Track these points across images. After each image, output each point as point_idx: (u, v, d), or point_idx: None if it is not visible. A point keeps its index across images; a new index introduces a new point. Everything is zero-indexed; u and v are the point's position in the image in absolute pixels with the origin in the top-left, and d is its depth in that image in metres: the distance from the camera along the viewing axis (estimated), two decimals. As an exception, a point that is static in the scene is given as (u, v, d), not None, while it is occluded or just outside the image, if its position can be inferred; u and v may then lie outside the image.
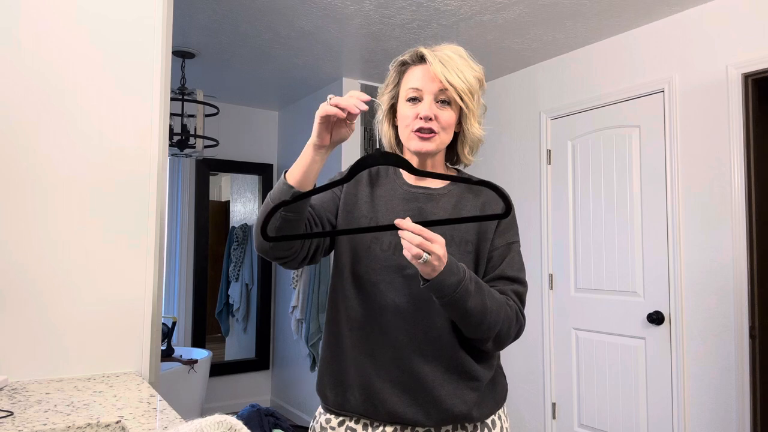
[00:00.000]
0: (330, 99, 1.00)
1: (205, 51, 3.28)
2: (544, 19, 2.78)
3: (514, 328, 1.11)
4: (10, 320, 1.25)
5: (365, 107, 0.99)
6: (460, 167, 1.27)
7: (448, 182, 1.21)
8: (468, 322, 1.05)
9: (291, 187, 1.05)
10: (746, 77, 2.45)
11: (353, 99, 1.00)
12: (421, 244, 0.94)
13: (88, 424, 0.96)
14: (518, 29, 2.90)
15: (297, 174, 1.05)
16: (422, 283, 1.00)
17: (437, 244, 0.95)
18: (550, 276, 3.27)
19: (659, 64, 2.77)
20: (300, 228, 1.08)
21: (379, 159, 1.01)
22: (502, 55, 3.26)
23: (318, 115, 1.01)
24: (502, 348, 1.13)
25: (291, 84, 3.93)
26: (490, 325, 1.05)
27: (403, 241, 0.95)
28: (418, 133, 1.12)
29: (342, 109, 0.99)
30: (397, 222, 0.96)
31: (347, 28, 2.92)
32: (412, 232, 0.94)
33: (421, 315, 1.11)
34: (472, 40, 3.02)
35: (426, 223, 0.97)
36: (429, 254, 0.94)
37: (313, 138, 1.04)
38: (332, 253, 1.23)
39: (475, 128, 1.16)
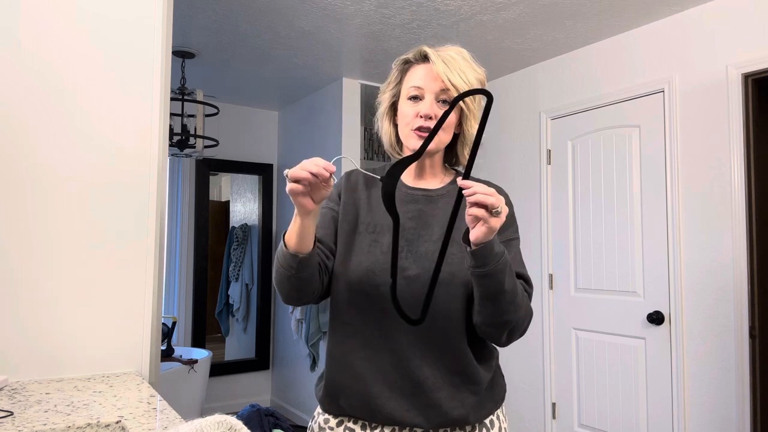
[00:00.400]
0: (287, 175, 0.95)
1: (205, 51, 3.28)
2: (544, 19, 2.78)
3: (528, 319, 1.09)
4: (10, 320, 1.25)
5: (324, 173, 0.94)
6: (459, 168, 1.26)
7: (446, 183, 1.21)
8: (500, 299, 1.01)
9: (295, 255, 1.04)
10: (746, 77, 2.45)
11: (309, 166, 0.94)
12: (494, 194, 0.91)
13: (88, 424, 0.96)
14: (518, 29, 2.90)
15: (294, 240, 1.03)
16: (469, 248, 0.97)
17: (503, 202, 0.93)
18: (550, 276, 3.26)
19: (659, 64, 2.77)
20: (316, 276, 1.10)
21: (388, 181, 0.96)
22: (502, 55, 3.26)
23: (288, 192, 0.97)
24: (512, 341, 1.11)
25: (291, 84, 3.93)
26: (518, 307, 1.03)
27: (473, 197, 0.91)
28: (417, 132, 1.11)
29: (303, 180, 0.95)
30: (461, 183, 0.92)
31: (347, 28, 2.92)
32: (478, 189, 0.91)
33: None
34: (472, 40, 3.02)
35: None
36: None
37: (296, 209, 1.01)
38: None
39: (474, 129, 1.15)
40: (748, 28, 2.44)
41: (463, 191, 0.92)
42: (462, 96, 0.95)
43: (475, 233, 0.94)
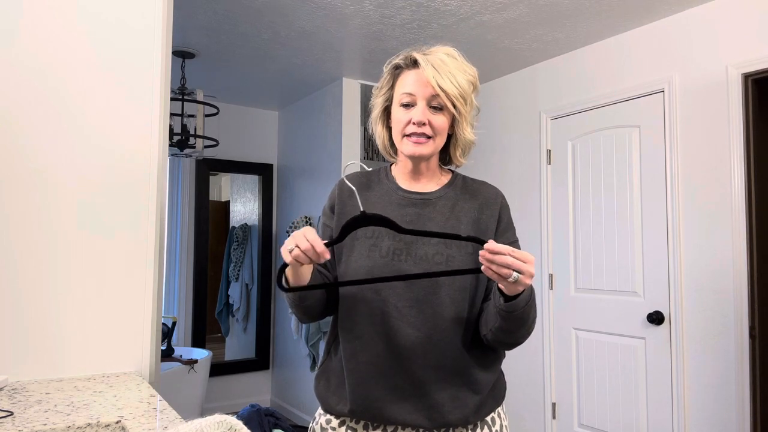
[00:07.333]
0: (290, 252, 1.00)
1: (205, 51, 3.28)
2: (544, 19, 2.78)
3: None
4: (10, 320, 1.25)
5: (315, 255, 1.00)
6: (452, 168, 1.28)
7: (442, 185, 1.22)
8: (519, 331, 1.07)
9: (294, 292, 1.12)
10: (746, 77, 2.44)
11: (303, 245, 0.99)
12: (512, 264, 0.93)
13: (88, 424, 0.96)
14: (518, 29, 2.90)
15: (291, 280, 1.10)
16: (503, 300, 1.01)
17: (529, 263, 0.94)
18: (550, 276, 3.26)
19: (659, 64, 2.77)
20: (320, 301, 1.17)
21: (363, 221, 1.03)
22: (502, 55, 3.26)
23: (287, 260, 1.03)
24: (513, 348, 1.17)
25: (291, 84, 3.93)
26: (530, 331, 1.09)
27: (482, 259, 0.94)
28: (411, 138, 1.13)
29: (301, 258, 1.01)
30: (486, 247, 0.93)
31: (347, 28, 2.92)
32: (502, 254, 0.92)
33: (424, 319, 1.10)
34: (472, 40, 3.02)
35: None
36: (520, 273, 0.93)
37: (292, 270, 1.08)
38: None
39: (467, 132, 1.16)
40: (748, 28, 2.44)
41: (486, 257, 0.93)
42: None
43: (509, 289, 0.98)
